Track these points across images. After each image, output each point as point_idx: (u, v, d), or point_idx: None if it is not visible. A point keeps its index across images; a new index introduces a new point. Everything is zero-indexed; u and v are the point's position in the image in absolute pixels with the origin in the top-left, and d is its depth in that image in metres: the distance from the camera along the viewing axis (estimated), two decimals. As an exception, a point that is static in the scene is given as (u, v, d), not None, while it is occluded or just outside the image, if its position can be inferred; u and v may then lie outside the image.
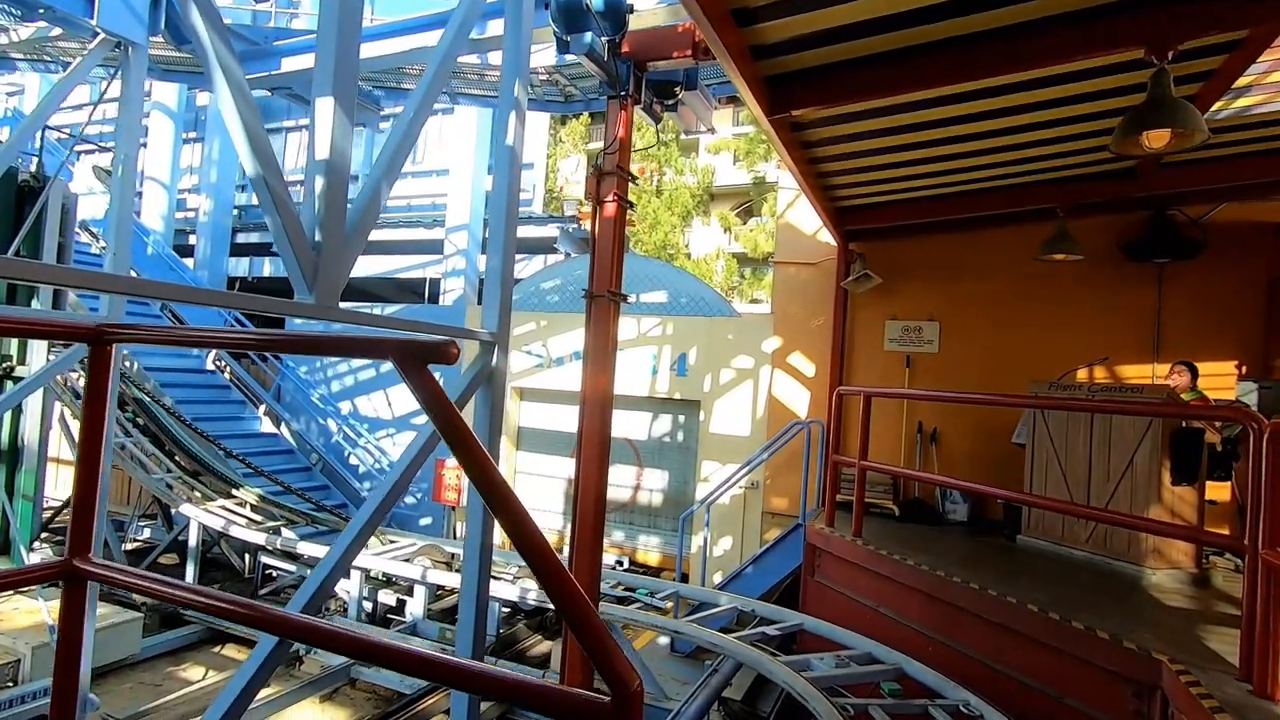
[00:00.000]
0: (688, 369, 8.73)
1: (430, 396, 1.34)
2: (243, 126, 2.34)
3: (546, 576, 1.25)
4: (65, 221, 6.34)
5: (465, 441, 1.32)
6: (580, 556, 3.41)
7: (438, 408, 1.34)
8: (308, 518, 7.98)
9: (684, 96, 5.62)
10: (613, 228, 3.30)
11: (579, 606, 1.23)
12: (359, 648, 1.43)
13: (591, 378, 3.39)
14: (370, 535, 3.32)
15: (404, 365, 1.35)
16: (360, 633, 1.48)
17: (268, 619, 1.61)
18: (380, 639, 1.43)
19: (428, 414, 1.34)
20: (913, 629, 4.66)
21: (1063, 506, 4.79)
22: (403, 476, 3.26)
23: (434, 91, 3.07)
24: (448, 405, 1.34)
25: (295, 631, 1.61)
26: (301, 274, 2.52)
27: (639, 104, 3.39)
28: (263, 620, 1.60)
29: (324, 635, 1.59)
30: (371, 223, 2.87)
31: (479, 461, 1.31)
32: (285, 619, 1.60)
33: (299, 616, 1.62)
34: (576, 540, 3.42)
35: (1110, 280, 6.43)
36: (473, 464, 1.31)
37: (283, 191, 2.44)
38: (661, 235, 23.42)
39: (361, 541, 3.11)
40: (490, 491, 1.31)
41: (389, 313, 11.10)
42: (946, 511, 6.55)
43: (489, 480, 1.31)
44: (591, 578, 3.42)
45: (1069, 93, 4.04)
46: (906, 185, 6.03)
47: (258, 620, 1.58)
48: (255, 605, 1.60)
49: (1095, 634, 3.57)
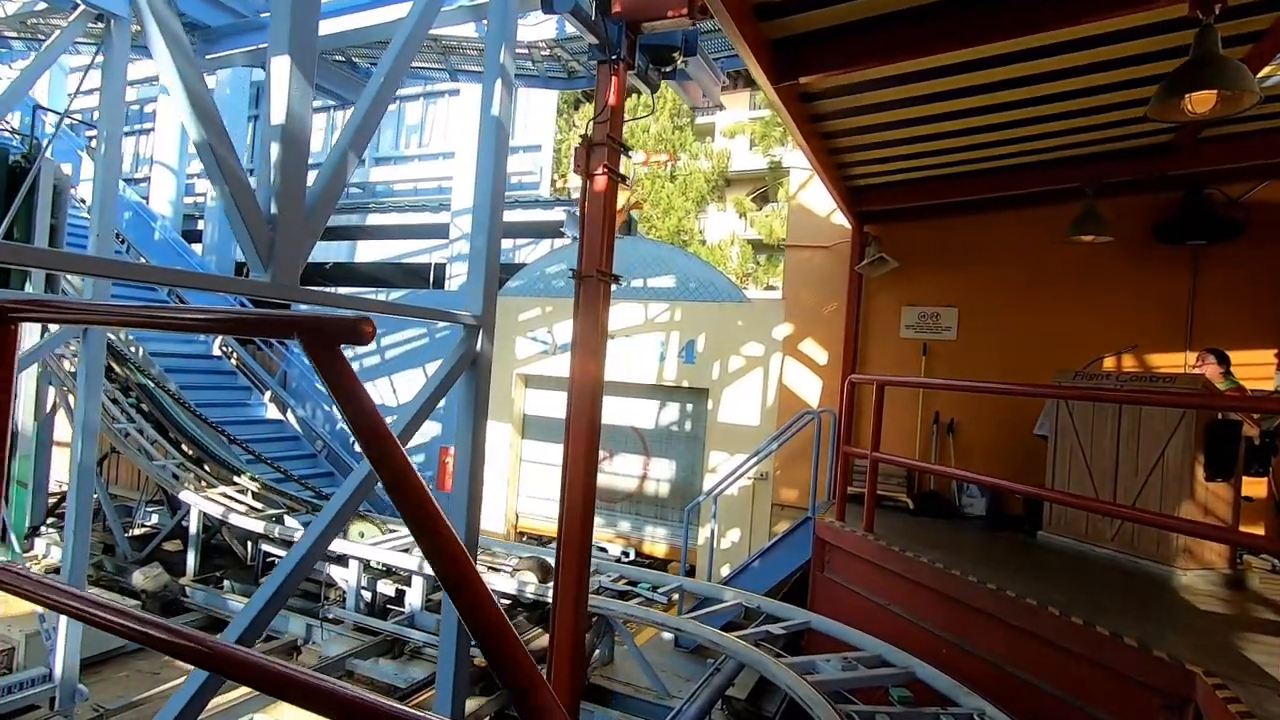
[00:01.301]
0: (696, 356, 8.49)
1: (340, 382, 1.13)
2: (182, 86, 2.14)
3: (454, 581, 1.06)
4: (58, 203, 6.22)
5: (380, 439, 1.12)
6: (568, 551, 3.21)
7: (349, 396, 1.13)
8: (309, 505, 7.87)
9: (689, 69, 5.37)
10: (603, 202, 3.07)
11: (480, 611, 1.04)
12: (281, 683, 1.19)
13: (580, 363, 3.17)
14: (342, 526, 3.16)
15: (310, 345, 1.15)
16: (291, 670, 1.21)
17: (177, 644, 1.38)
18: (303, 676, 1.16)
19: (336, 401, 1.14)
20: (925, 630, 4.43)
21: (1088, 503, 4.52)
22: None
23: (403, 60, 2.85)
24: (361, 394, 1.14)
25: (210, 661, 1.36)
26: (256, 251, 2.32)
27: (632, 69, 3.15)
28: (172, 645, 1.37)
29: (245, 666, 1.33)
30: (336, 197, 2.66)
31: (395, 463, 1.11)
32: (201, 647, 1.36)
33: (219, 645, 1.36)
34: (564, 535, 3.23)
35: (1140, 264, 6.10)
36: (388, 465, 1.11)
37: (231, 160, 2.24)
38: (675, 221, 23.12)
39: (333, 531, 2.95)
40: (407, 497, 1.11)
41: (394, 298, 10.96)
42: (963, 505, 6.29)
43: (406, 484, 1.11)
44: (579, 574, 3.23)
45: (1102, 58, 3.73)
46: (924, 163, 5.72)
47: (164, 644, 1.36)
48: (166, 626, 1.38)
49: (1122, 640, 3.32)
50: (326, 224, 2.59)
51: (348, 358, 1.15)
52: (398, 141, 12.82)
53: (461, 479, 3.48)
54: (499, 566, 6.44)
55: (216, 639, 1.26)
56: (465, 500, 3.47)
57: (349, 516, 2.98)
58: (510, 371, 9.51)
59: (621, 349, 8.83)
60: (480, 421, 3.48)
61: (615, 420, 9.15)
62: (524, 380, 9.69)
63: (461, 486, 3.48)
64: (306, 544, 2.87)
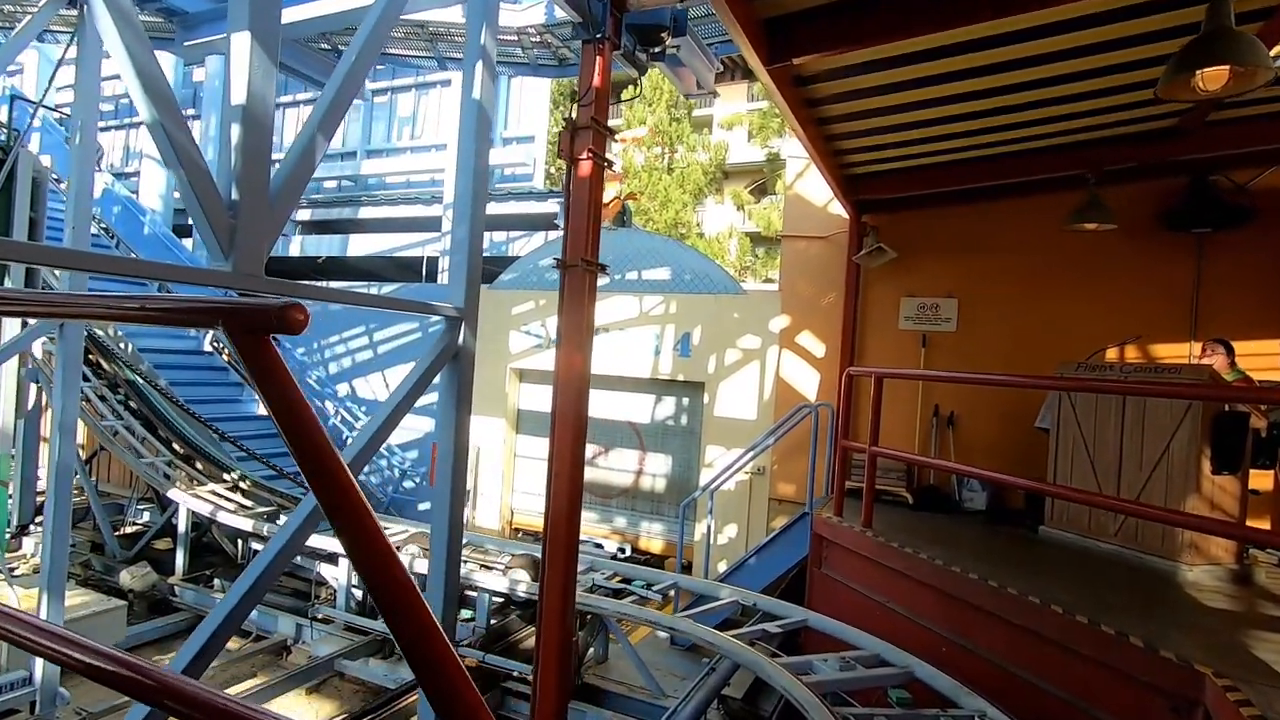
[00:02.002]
0: (691, 349, 8.36)
1: (268, 376, 1.01)
2: (131, 63, 2.00)
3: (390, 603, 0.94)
4: (37, 195, 6.07)
5: (308, 433, 1.00)
6: (554, 547, 3.10)
7: (279, 392, 1.01)
8: (298, 503, 7.75)
9: (681, 54, 5.22)
10: (588, 188, 2.94)
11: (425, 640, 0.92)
12: None
13: (566, 356, 3.05)
14: (318, 522, 3.05)
15: (234, 335, 1.02)
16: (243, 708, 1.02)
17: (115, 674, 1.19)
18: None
19: (261, 394, 1.02)
20: (925, 628, 4.32)
21: (1091, 498, 4.40)
22: (362, 453, 2.97)
23: (376, 38, 2.71)
24: (292, 391, 1.01)
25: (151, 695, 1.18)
26: (215, 237, 2.19)
27: (618, 49, 3.01)
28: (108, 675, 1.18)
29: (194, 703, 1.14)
30: (304, 182, 2.53)
31: (324, 459, 0.99)
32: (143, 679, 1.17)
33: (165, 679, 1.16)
34: (550, 531, 3.11)
35: (1144, 252, 5.97)
36: (314, 461, 0.98)
37: (186, 142, 2.11)
38: (672, 213, 22.96)
39: (310, 526, 2.83)
40: (331, 491, 0.98)
41: (386, 292, 10.82)
42: (963, 500, 6.18)
43: (333, 480, 0.98)
44: (566, 571, 3.12)
45: (1107, 36, 3.60)
46: (923, 149, 5.59)
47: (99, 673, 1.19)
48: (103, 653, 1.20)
49: (1128, 640, 3.21)
50: (293, 211, 2.46)
51: (343, 351, 1.03)
52: (389, 134, 12.65)
53: (444, 474, 3.37)
54: (491, 565, 6.33)
55: (163, 670, 1.11)
56: (448, 495, 3.36)
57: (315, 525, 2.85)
58: (504, 366, 9.39)
59: (616, 342, 8.70)
60: (463, 416, 3.36)
61: (610, 415, 9.04)
62: (518, 375, 9.56)
63: (444, 482, 3.37)
64: (282, 540, 2.77)
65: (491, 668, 5.42)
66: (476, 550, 6.87)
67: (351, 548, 0.97)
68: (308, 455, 1.00)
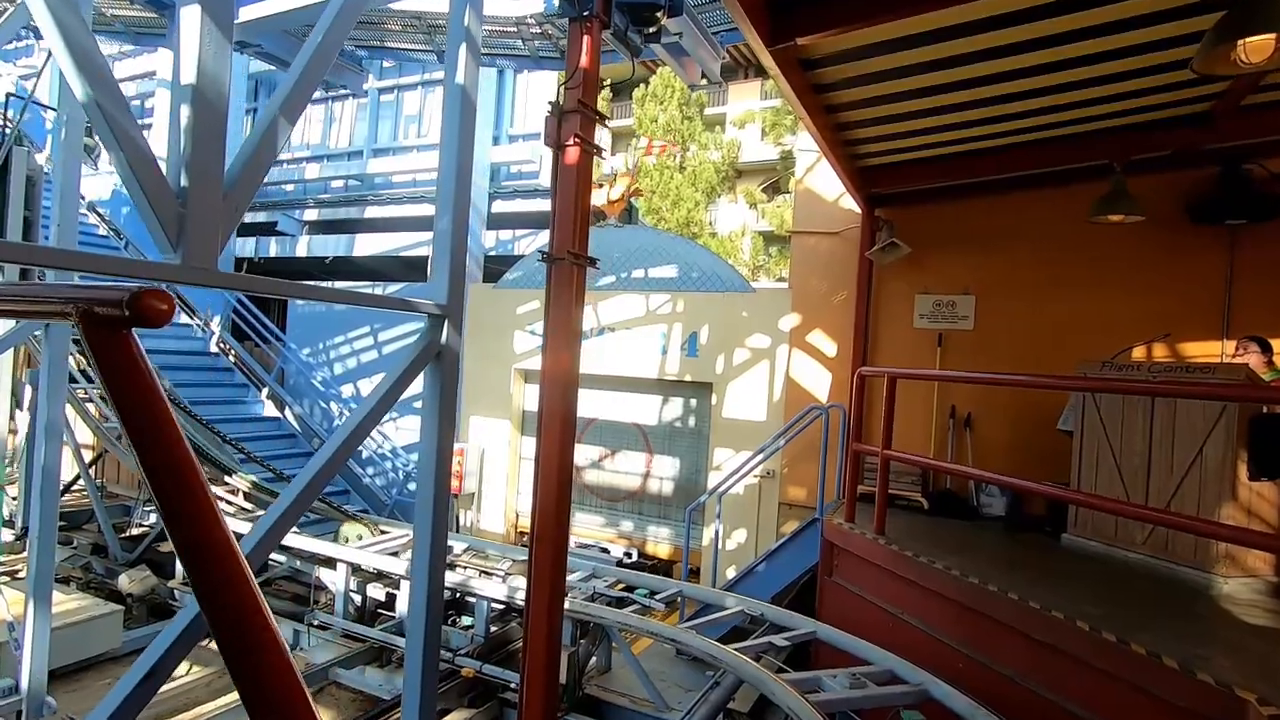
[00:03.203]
0: (699, 349, 8.15)
1: (118, 373, 0.83)
2: (61, 36, 1.83)
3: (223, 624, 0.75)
4: (31, 194, 5.99)
5: (162, 433, 0.82)
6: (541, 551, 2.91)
7: (129, 389, 0.83)
8: (300, 506, 7.63)
9: (684, 42, 5.01)
10: (575, 176, 2.75)
11: None
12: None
13: (552, 355, 2.87)
14: (298, 517, 2.90)
15: (84, 327, 0.84)
16: None
17: None
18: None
19: (109, 394, 0.83)
20: (941, 642, 4.09)
21: (1118, 507, 4.14)
22: (336, 454, 2.80)
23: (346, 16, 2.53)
24: (146, 387, 0.83)
25: None
26: (161, 227, 2.02)
27: (607, 28, 2.82)
28: None
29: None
30: (265, 169, 2.36)
31: (175, 463, 0.81)
32: None
33: None
34: (536, 533, 2.93)
35: (1171, 246, 5.68)
36: (162, 464, 0.80)
37: (126, 122, 1.94)
38: (685, 212, 22.79)
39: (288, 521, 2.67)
40: (177, 496, 0.80)
41: (390, 291, 10.70)
42: (981, 505, 5.92)
43: (183, 484, 0.80)
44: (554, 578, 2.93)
45: (1136, 10, 3.35)
46: (939, 139, 5.34)
47: None
48: None
49: (1160, 661, 2.97)
50: (252, 200, 2.29)
51: (348, 352, 0.84)
52: (396, 132, 12.55)
53: (426, 479, 3.19)
54: (491, 571, 6.16)
55: None
56: (431, 501, 3.18)
57: (305, 506, 2.70)
58: (508, 366, 9.23)
59: (622, 342, 8.51)
60: (447, 419, 3.18)
61: (617, 416, 8.85)
62: (523, 375, 9.40)
63: (426, 488, 3.20)
64: (257, 535, 2.62)
65: (489, 678, 5.25)
66: (477, 555, 6.71)
67: (181, 551, 0.79)
68: (150, 450, 0.81)
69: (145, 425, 0.81)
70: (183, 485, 0.80)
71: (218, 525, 0.80)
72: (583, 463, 9.11)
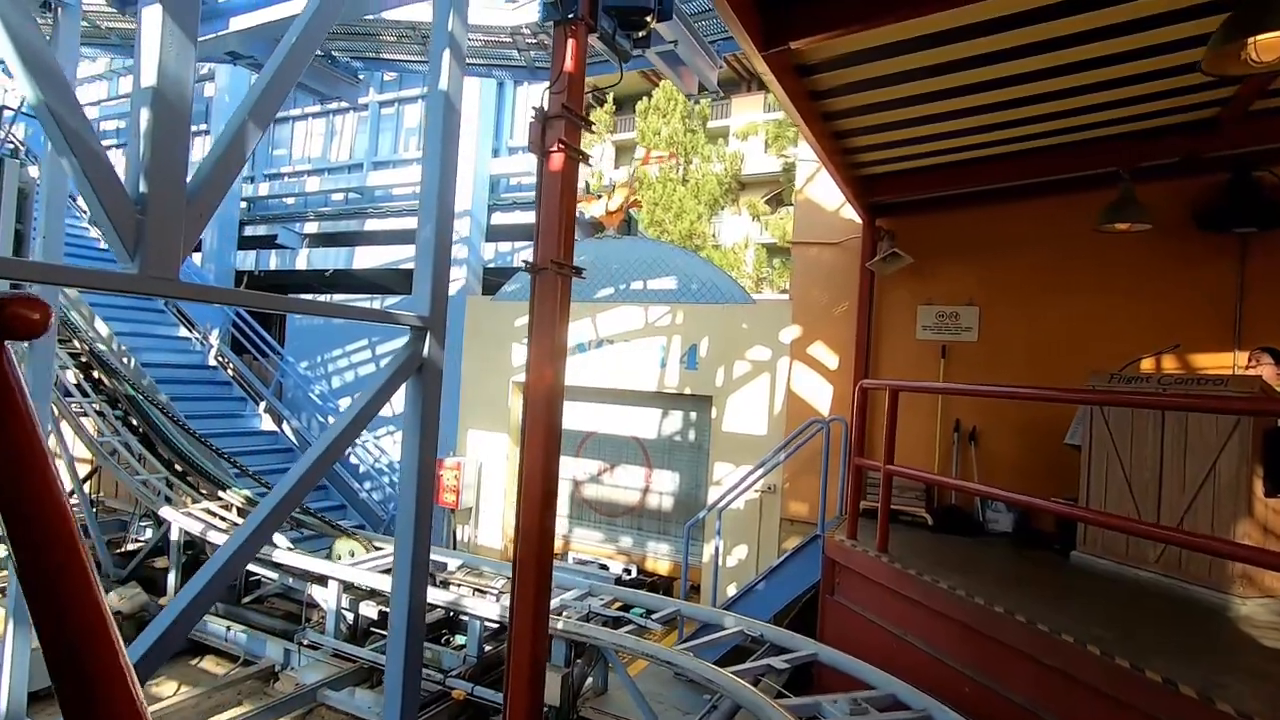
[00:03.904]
0: (699, 361, 8.03)
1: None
2: (9, 37, 1.75)
3: None
4: (24, 207, 5.94)
5: (19, 448, 0.71)
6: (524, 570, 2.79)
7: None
8: (294, 522, 7.53)
9: (680, 51, 4.95)
10: (559, 183, 2.66)
11: None
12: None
13: (536, 367, 2.76)
14: (277, 525, 2.81)
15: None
16: None
17: None
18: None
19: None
20: (946, 665, 3.93)
21: (1129, 525, 3.99)
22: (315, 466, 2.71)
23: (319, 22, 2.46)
24: (15, 409, 0.73)
25: None
26: (118, 236, 1.93)
27: (593, 31, 2.74)
28: None
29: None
30: (232, 175, 2.27)
31: (31, 480, 0.70)
32: None
33: None
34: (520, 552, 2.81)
35: (1180, 255, 5.55)
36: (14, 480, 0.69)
37: (79, 124, 1.85)
38: (687, 224, 22.72)
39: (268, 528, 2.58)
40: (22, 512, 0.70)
41: (388, 305, 10.63)
42: (987, 521, 5.77)
43: (33, 500, 0.69)
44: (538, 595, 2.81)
45: (1143, 12, 3.25)
46: (941, 147, 5.24)
47: None
48: None
49: (1177, 689, 2.82)
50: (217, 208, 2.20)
51: (345, 365, 0.74)
52: (396, 145, 12.54)
53: (408, 493, 3.10)
54: (485, 589, 6.03)
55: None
56: (412, 518, 3.09)
57: (283, 517, 2.62)
58: (506, 380, 9.13)
59: (621, 354, 8.40)
60: (429, 433, 3.09)
61: (615, 430, 8.72)
62: (520, 388, 9.28)
63: (408, 503, 3.11)
64: (235, 544, 2.53)
65: (480, 700, 5.11)
66: (471, 573, 6.57)
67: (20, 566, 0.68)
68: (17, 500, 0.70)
69: (8, 458, 0.70)
70: (32, 478, 0.70)
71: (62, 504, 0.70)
72: (581, 477, 8.98)
